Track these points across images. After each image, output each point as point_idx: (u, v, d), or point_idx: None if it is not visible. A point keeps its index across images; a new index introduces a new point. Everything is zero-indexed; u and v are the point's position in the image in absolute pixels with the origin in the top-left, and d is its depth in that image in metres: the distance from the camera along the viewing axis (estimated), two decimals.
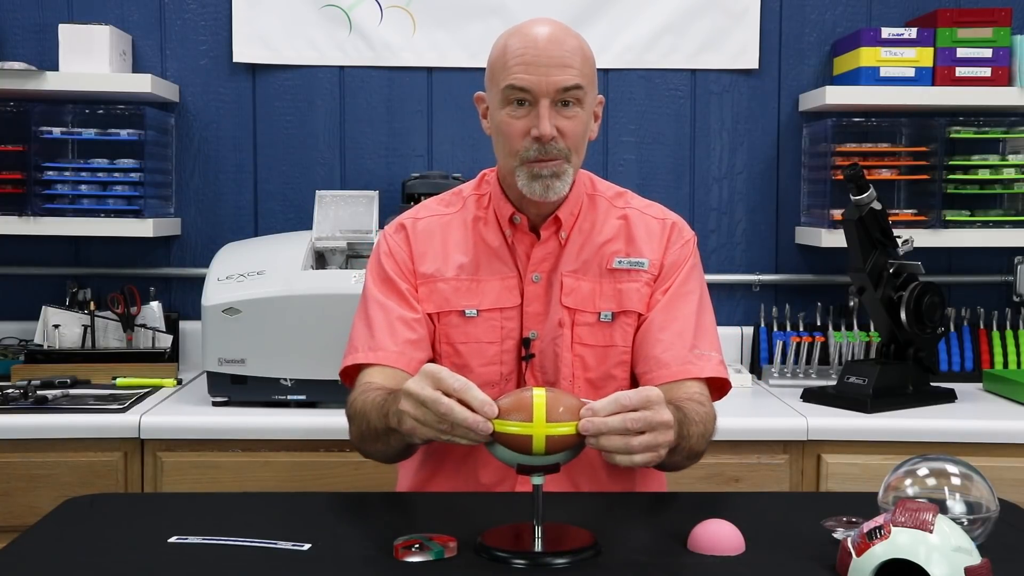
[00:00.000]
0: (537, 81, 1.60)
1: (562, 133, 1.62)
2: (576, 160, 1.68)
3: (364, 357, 1.69)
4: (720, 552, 1.31)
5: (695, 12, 2.85)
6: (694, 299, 1.75)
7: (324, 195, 2.59)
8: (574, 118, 1.63)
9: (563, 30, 1.66)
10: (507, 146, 1.65)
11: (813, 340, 2.72)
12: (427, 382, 1.33)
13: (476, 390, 1.30)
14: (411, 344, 1.69)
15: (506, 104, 1.64)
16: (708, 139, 2.91)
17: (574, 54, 1.63)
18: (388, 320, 1.70)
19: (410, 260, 1.75)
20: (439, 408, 1.30)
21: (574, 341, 1.72)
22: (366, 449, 1.65)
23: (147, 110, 2.68)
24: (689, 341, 1.70)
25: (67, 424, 2.22)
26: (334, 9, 2.83)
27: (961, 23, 2.67)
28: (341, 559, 1.31)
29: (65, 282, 2.79)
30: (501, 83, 1.63)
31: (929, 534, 1.15)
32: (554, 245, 1.73)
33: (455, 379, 1.31)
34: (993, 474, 1.42)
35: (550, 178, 1.65)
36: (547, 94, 1.61)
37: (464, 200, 1.79)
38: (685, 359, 1.69)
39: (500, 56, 1.66)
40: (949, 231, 2.71)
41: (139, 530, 1.42)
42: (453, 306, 1.72)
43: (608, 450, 1.29)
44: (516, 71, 1.61)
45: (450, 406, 1.29)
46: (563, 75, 1.61)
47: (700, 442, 1.57)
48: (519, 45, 1.63)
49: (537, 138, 1.61)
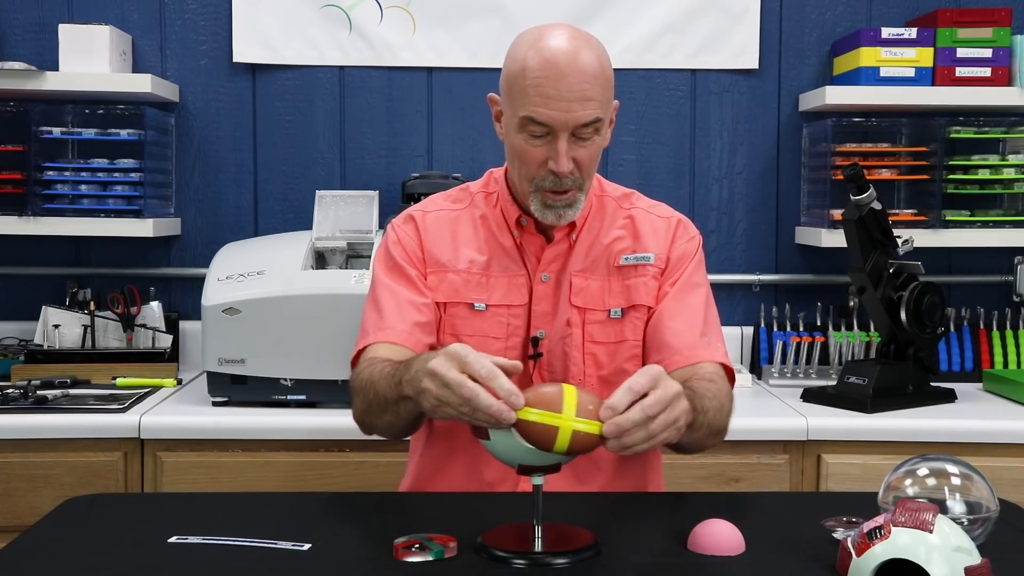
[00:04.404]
0: (556, 116, 1.56)
1: (578, 162, 1.61)
2: (588, 183, 1.67)
3: (374, 337, 1.68)
4: (720, 552, 1.31)
5: (695, 12, 2.85)
6: (702, 292, 1.76)
7: (324, 195, 2.59)
8: (591, 147, 1.61)
9: (585, 48, 1.58)
10: (522, 170, 1.64)
11: (813, 340, 2.72)
12: (453, 363, 1.31)
13: (503, 378, 1.28)
14: (420, 327, 1.68)
15: (522, 131, 1.61)
16: (708, 139, 2.91)
17: (595, 83, 1.57)
18: (397, 303, 1.70)
19: (419, 248, 1.75)
20: (463, 392, 1.28)
21: (585, 340, 1.72)
22: (372, 422, 1.62)
23: (147, 110, 2.68)
24: (699, 328, 1.71)
25: (67, 424, 2.22)
26: (334, 9, 2.82)
27: (961, 23, 2.67)
28: (341, 559, 1.31)
29: (65, 282, 2.79)
30: (519, 109, 1.59)
31: (929, 534, 1.15)
32: (565, 246, 1.73)
33: (481, 364, 1.29)
34: (993, 474, 1.42)
35: (563, 208, 1.65)
36: (566, 129, 1.57)
37: (472, 197, 1.79)
38: (696, 344, 1.69)
39: (519, 75, 1.59)
40: (949, 231, 2.71)
41: (139, 530, 1.42)
42: (463, 298, 1.72)
43: (631, 445, 1.28)
44: (535, 102, 1.57)
45: (475, 391, 1.27)
46: (583, 111, 1.57)
47: (718, 417, 1.57)
48: (539, 70, 1.57)
49: (554, 172, 1.60)
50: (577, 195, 1.65)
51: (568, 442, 1.25)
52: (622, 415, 1.26)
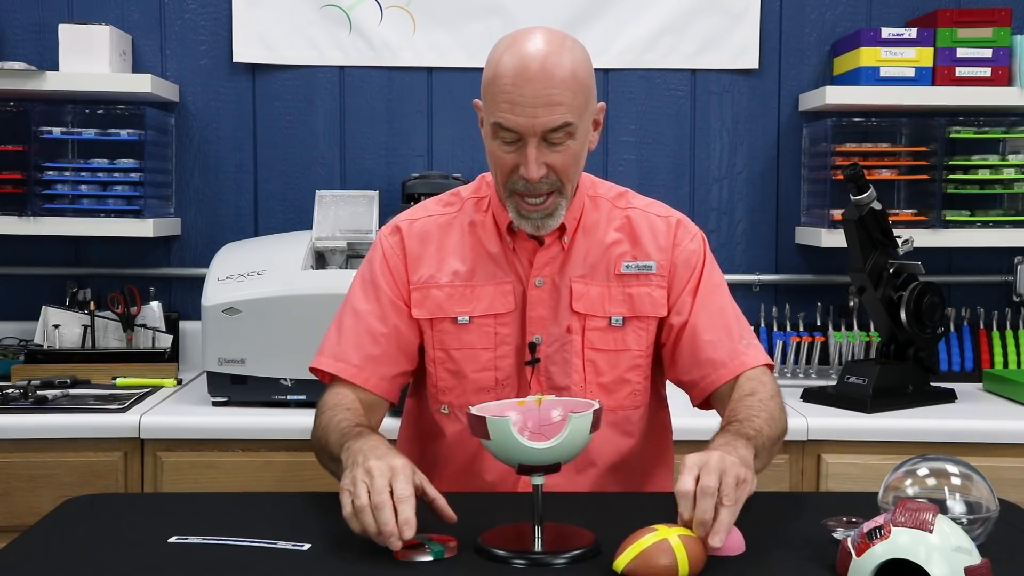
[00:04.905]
0: (524, 123, 1.55)
1: (552, 168, 1.59)
2: (570, 188, 1.64)
3: (327, 364, 1.72)
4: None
5: (695, 12, 2.85)
6: (724, 291, 1.75)
7: (324, 195, 2.59)
8: (565, 152, 1.58)
9: (556, 52, 1.55)
10: (498, 175, 1.63)
11: (813, 340, 2.72)
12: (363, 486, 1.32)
13: (388, 512, 1.29)
14: (372, 360, 1.70)
15: (495, 136, 1.59)
16: (708, 139, 2.91)
17: (564, 89, 1.54)
18: (357, 331, 1.72)
19: (403, 267, 1.73)
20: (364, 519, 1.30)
21: (585, 346, 1.71)
22: (320, 460, 1.67)
23: (147, 110, 2.68)
24: (735, 333, 1.71)
25: (67, 424, 2.22)
26: (334, 9, 2.83)
27: (961, 23, 2.67)
28: (341, 559, 1.31)
29: (65, 282, 2.79)
30: (490, 115, 1.59)
31: (929, 534, 1.15)
32: (557, 250, 1.71)
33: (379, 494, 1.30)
34: (993, 474, 1.42)
35: (541, 219, 1.64)
36: (534, 134, 1.55)
37: (463, 202, 1.77)
38: (736, 351, 1.69)
39: (492, 81, 1.58)
40: (949, 231, 2.71)
41: (139, 530, 1.42)
42: (446, 313, 1.71)
43: (719, 531, 1.27)
44: (504, 108, 1.55)
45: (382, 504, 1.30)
46: (550, 116, 1.54)
47: (773, 426, 1.59)
48: (507, 76, 1.55)
49: (524, 177, 1.59)
50: (558, 200, 1.63)
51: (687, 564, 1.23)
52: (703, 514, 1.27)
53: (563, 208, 1.65)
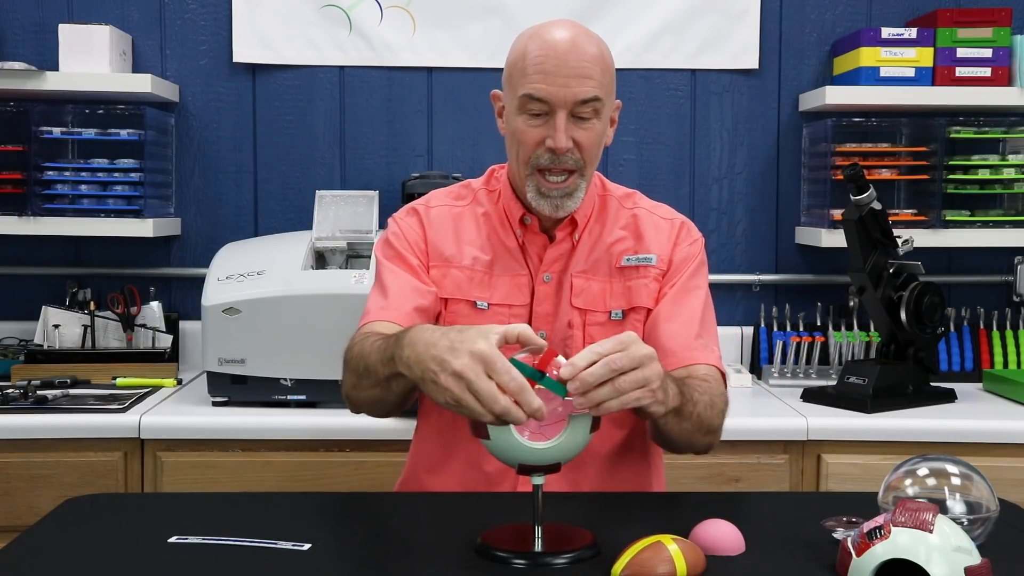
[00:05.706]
0: (555, 92, 1.58)
1: (578, 144, 1.61)
2: (590, 171, 1.67)
3: (375, 316, 1.66)
4: (720, 552, 1.31)
5: (695, 12, 2.85)
6: (701, 295, 1.75)
7: (324, 195, 2.59)
8: (591, 129, 1.62)
9: (585, 36, 1.62)
10: (520, 153, 1.64)
11: (813, 340, 2.72)
12: (480, 367, 1.25)
13: (531, 393, 1.23)
14: (420, 312, 1.67)
15: (522, 111, 1.62)
16: (708, 139, 2.91)
17: (594, 64, 1.60)
18: (401, 287, 1.69)
19: (423, 240, 1.75)
20: (495, 408, 1.23)
21: (586, 341, 1.71)
22: (359, 397, 1.59)
23: (147, 110, 2.68)
24: (695, 330, 1.71)
25: (67, 424, 2.22)
26: (334, 9, 2.82)
27: (961, 23, 2.67)
28: (341, 559, 1.31)
29: (65, 282, 2.79)
30: (519, 89, 1.61)
31: (929, 534, 1.15)
32: (567, 246, 1.73)
33: (511, 377, 1.24)
34: (993, 474, 1.42)
35: (560, 198, 1.64)
36: (564, 105, 1.59)
37: (474, 194, 1.79)
38: (690, 345, 1.69)
39: (519, 60, 1.63)
40: (949, 231, 2.71)
41: (139, 530, 1.42)
42: (466, 295, 1.72)
43: (599, 402, 1.27)
44: (535, 79, 1.59)
45: (507, 409, 1.23)
46: (582, 87, 1.58)
47: (709, 412, 1.57)
48: (539, 51, 1.60)
49: (551, 149, 1.60)
50: (578, 181, 1.64)
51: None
52: (586, 370, 1.25)
53: (582, 190, 1.66)
